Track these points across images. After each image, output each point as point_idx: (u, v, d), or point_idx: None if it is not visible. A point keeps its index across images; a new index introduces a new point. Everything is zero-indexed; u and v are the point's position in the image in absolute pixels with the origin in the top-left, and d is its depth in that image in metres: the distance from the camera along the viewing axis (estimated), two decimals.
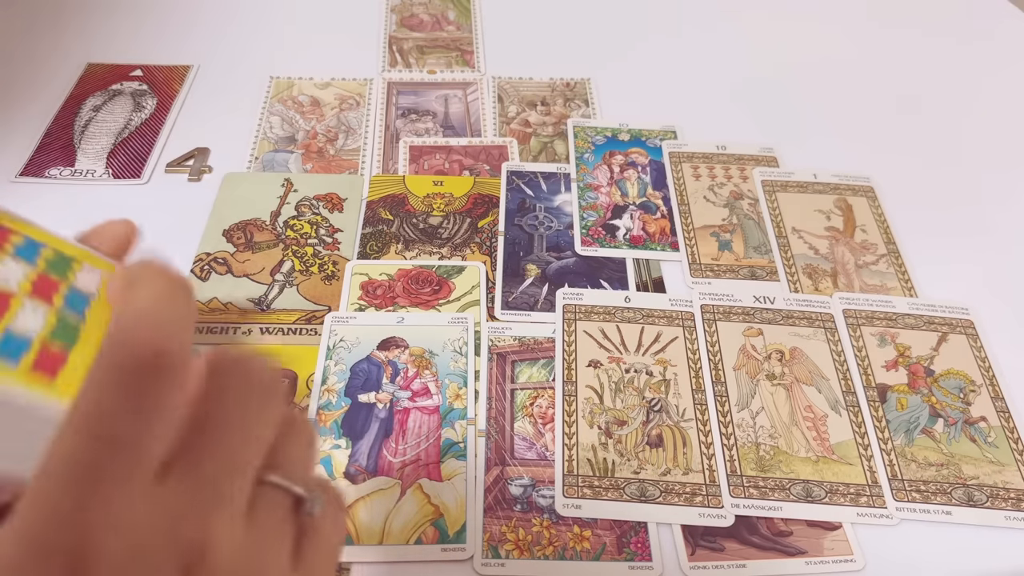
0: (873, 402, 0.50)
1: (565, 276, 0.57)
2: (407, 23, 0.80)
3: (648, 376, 0.50)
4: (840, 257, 0.59)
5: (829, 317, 0.54)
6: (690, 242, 0.59)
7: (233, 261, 0.56)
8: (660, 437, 0.47)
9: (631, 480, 0.45)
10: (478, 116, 0.70)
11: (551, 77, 0.74)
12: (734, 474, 0.46)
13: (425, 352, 0.51)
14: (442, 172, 0.64)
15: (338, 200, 0.61)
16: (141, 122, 0.67)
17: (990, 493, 0.46)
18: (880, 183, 0.64)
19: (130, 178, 0.62)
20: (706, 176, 0.65)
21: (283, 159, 0.64)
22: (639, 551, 0.43)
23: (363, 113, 0.69)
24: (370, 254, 0.57)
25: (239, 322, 0.52)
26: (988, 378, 0.51)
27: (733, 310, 0.54)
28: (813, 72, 0.76)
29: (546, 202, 0.62)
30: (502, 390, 0.49)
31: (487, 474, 0.45)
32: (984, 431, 0.49)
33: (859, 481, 0.46)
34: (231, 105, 0.69)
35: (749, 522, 0.44)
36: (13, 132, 0.65)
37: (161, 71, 0.72)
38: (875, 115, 0.72)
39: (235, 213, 0.59)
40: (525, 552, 0.42)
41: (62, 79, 0.70)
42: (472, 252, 0.58)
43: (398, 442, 0.46)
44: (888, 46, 0.80)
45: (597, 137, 0.68)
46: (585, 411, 0.48)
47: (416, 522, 0.43)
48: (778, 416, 0.49)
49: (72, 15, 0.78)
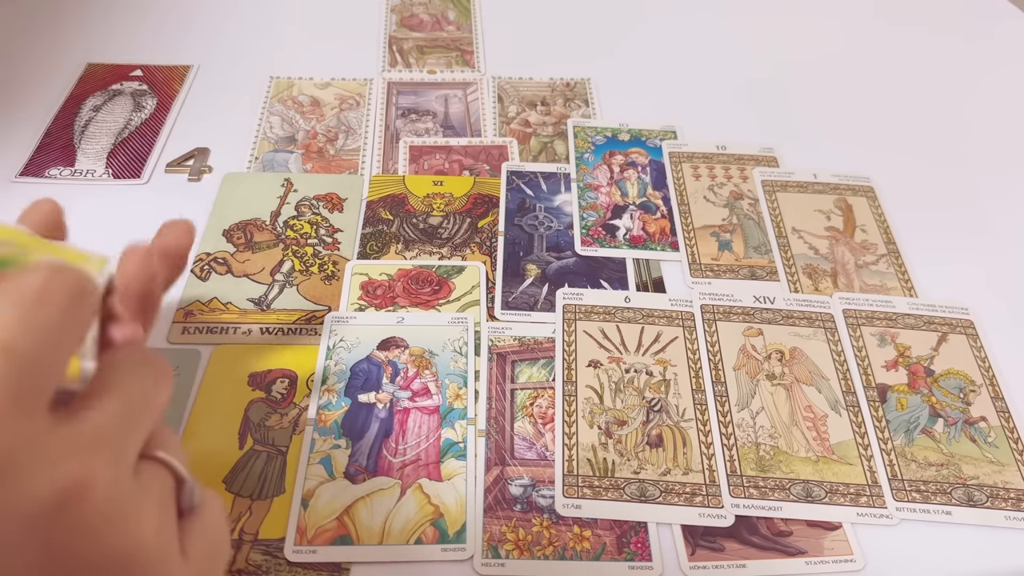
0: (873, 402, 0.50)
1: (565, 276, 0.57)
2: (407, 23, 0.80)
3: (648, 376, 0.50)
4: (840, 257, 0.59)
5: (829, 317, 0.54)
6: (690, 242, 0.59)
7: (233, 261, 0.56)
8: (660, 437, 0.47)
9: (631, 480, 0.45)
10: (478, 116, 0.70)
11: (551, 77, 0.74)
12: (734, 474, 0.46)
13: (425, 352, 0.51)
14: (442, 172, 0.64)
15: (338, 200, 0.61)
16: (141, 122, 0.67)
17: (990, 493, 0.46)
18: (880, 183, 0.64)
19: (130, 178, 0.62)
20: (706, 176, 0.65)
21: (283, 159, 0.64)
22: (639, 551, 0.43)
23: (363, 113, 0.69)
24: (370, 254, 0.57)
25: (239, 322, 0.52)
26: (988, 378, 0.51)
27: (733, 310, 0.54)
28: (813, 72, 0.76)
29: (546, 202, 0.62)
30: (502, 390, 0.49)
31: (487, 474, 0.45)
32: (984, 431, 0.49)
33: (859, 481, 0.46)
34: (231, 105, 0.69)
35: (749, 522, 0.44)
36: (13, 132, 0.65)
37: (161, 71, 0.72)
38: (875, 115, 0.72)
39: (235, 213, 0.59)
40: (525, 552, 0.42)
41: (62, 79, 0.70)
42: (472, 252, 0.58)
43: (398, 442, 0.47)
44: (888, 46, 0.80)
45: (597, 137, 0.68)
46: (585, 411, 0.48)
47: (416, 522, 0.43)
48: (778, 416, 0.49)
49: (72, 15, 0.78)
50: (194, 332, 0.51)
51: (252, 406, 0.48)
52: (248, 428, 0.47)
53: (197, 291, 0.54)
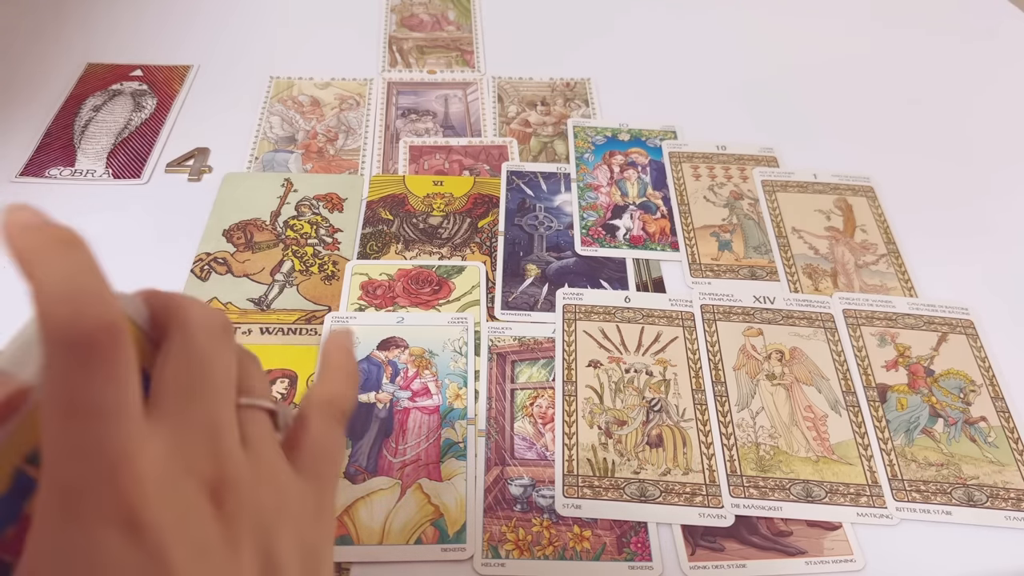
0: (873, 402, 0.50)
1: (565, 276, 0.57)
2: (407, 23, 0.80)
3: (648, 376, 0.50)
4: (840, 257, 0.59)
5: (829, 317, 0.54)
6: (690, 242, 0.59)
7: (233, 261, 0.56)
8: (660, 437, 0.47)
9: (631, 480, 0.45)
10: (478, 116, 0.70)
11: (551, 77, 0.74)
12: (734, 474, 0.46)
13: (425, 352, 0.51)
14: (442, 172, 0.64)
15: (338, 200, 0.61)
16: (141, 122, 0.67)
17: (990, 493, 0.46)
18: (880, 183, 0.64)
19: (130, 178, 0.62)
20: (706, 176, 0.65)
21: (283, 159, 0.64)
22: (639, 551, 0.43)
23: (363, 113, 0.69)
24: (370, 254, 0.57)
25: (239, 322, 0.52)
26: (988, 378, 0.51)
27: (733, 310, 0.54)
28: (813, 72, 0.76)
29: (546, 202, 0.62)
30: (502, 390, 0.49)
31: (487, 474, 0.45)
32: (984, 431, 0.49)
33: (859, 481, 0.46)
34: (231, 105, 0.69)
35: (749, 522, 0.44)
36: (13, 132, 0.65)
37: (161, 71, 0.72)
38: (875, 115, 0.72)
39: (235, 213, 0.59)
40: (525, 552, 0.42)
41: (62, 79, 0.70)
42: (472, 252, 0.58)
43: (398, 442, 0.46)
44: (888, 46, 0.80)
45: (597, 137, 0.68)
46: (585, 411, 0.48)
47: (416, 522, 0.43)
48: (778, 416, 0.49)
49: (72, 15, 0.78)
50: None
51: None
52: None
53: (197, 291, 0.54)
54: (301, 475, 0.25)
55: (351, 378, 0.28)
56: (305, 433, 0.26)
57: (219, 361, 0.23)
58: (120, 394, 0.19)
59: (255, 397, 0.25)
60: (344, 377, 0.28)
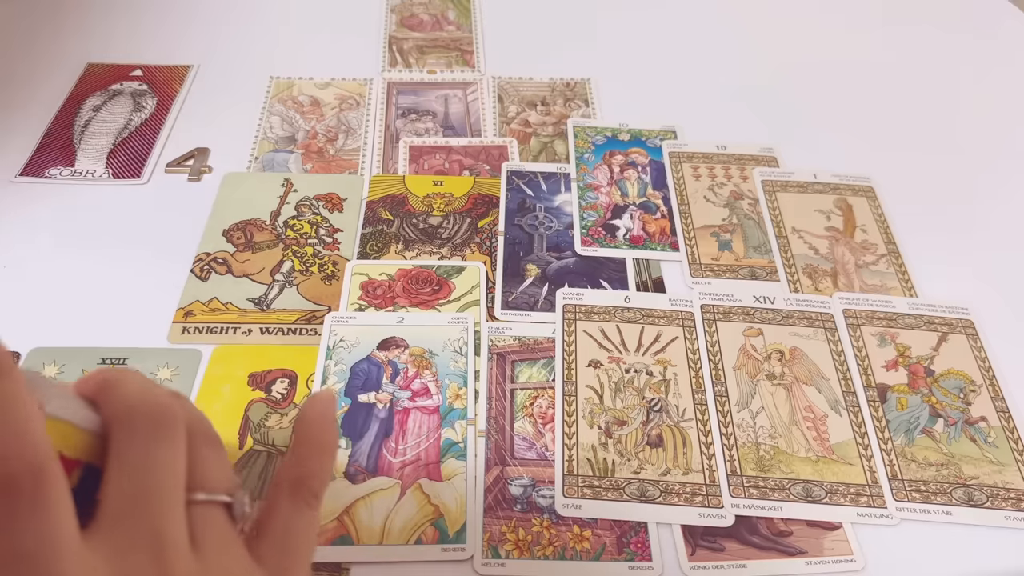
0: (873, 402, 0.50)
1: (565, 276, 0.57)
2: (407, 23, 0.80)
3: (648, 376, 0.50)
4: (840, 257, 0.59)
5: (829, 317, 0.54)
6: (690, 242, 0.59)
7: (233, 261, 0.56)
8: (660, 437, 0.47)
9: (631, 480, 0.45)
10: (478, 116, 0.70)
11: (551, 77, 0.74)
12: (734, 474, 0.46)
13: (425, 352, 0.51)
14: (442, 172, 0.64)
15: (338, 200, 0.61)
16: (141, 122, 0.67)
17: (990, 493, 0.46)
18: (880, 183, 0.64)
19: (130, 178, 0.62)
20: (706, 176, 0.65)
21: (283, 159, 0.64)
22: (639, 551, 0.43)
23: (363, 113, 0.69)
24: (370, 254, 0.57)
25: (239, 322, 0.52)
26: (988, 378, 0.51)
27: (733, 310, 0.54)
28: (813, 72, 0.76)
29: (546, 202, 0.62)
30: (502, 390, 0.49)
31: (487, 474, 0.45)
32: (984, 431, 0.49)
33: (859, 481, 0.46)
34: (231, 105, 0.69)
35: (749, 522, 0.44)
36: (13, 132, 0.65)
37: (161, 71, 0.72)
38: (875, 115, 0.72)
39: (235, 213, 0.59)
40: (525, 552, 0.42)
41: (62, 79, 0.70)
42: (472, 252, 0.58)
43: (398, 442, 0.46)
44: (888, 46, 0.80)
45: (597, 137, 0.68)
46: (585, 411, 0.48)
47: (416, 522, 0.43)
48: (778, 416, 0.49)
49: (71, 15, 0.78)
50: (194, 332, 0.51)
51: (252, 406, 0.48)
52: (248, 428, 0.47)
53: (197, 291, 0.54)
54: (265, 566, 0.24)
55: (325, 454, 0.27)
56: (272, 519, 0.25)
57: (161, 463, 0.22)
58: (52, 533, 0.19)
59: (207, 490, 0.23)
60: (317, 453, 0.27)
